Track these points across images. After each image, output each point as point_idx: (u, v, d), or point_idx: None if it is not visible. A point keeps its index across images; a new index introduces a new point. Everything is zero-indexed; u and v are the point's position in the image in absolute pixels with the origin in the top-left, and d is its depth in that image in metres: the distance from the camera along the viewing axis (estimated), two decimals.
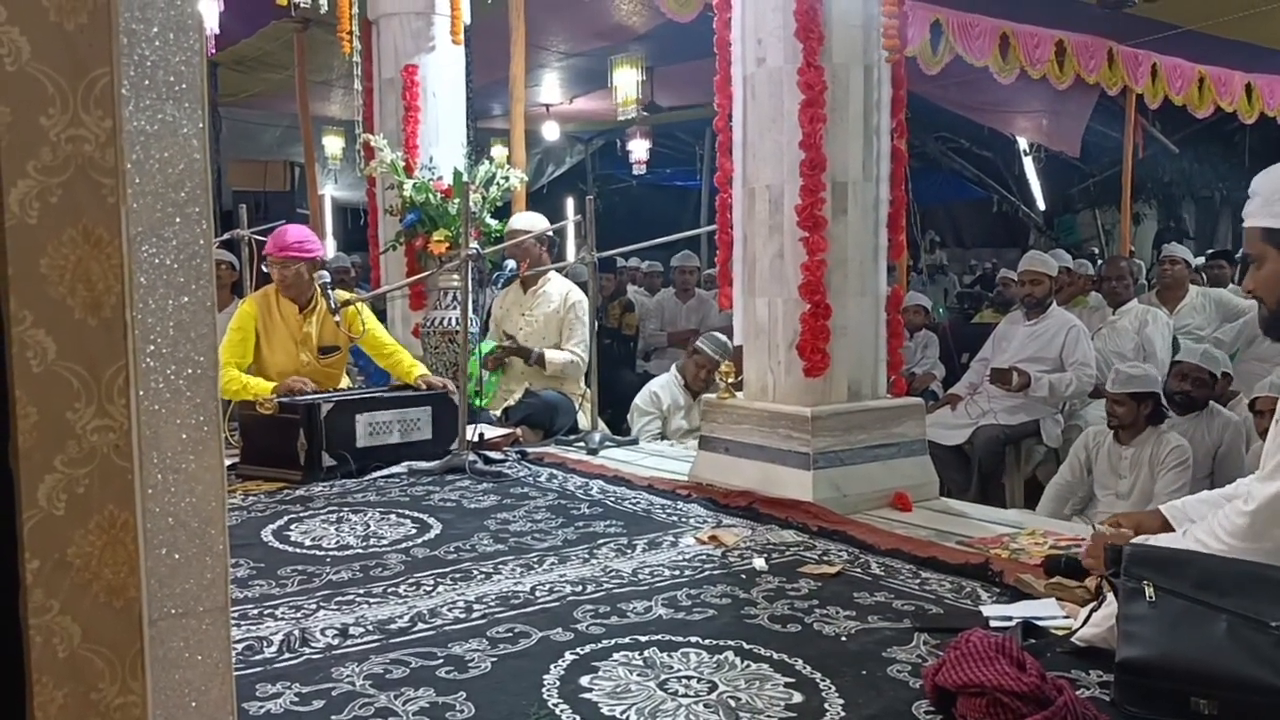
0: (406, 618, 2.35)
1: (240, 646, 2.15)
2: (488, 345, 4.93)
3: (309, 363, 4.43)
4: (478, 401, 4.73)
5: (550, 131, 11.81)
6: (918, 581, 2.59)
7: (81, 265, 1.04)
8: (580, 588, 2.56)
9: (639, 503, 3.48)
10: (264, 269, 4.49)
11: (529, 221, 5.16)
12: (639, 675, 2.00)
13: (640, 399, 5.16)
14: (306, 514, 3.37)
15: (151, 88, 1.10)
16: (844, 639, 2.20)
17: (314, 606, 2.44)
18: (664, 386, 5.14)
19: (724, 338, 4.95)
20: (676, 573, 2.68)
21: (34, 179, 1.02)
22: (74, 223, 1.04)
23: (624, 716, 1.82)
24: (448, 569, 2.74)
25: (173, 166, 1.12)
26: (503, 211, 5.51)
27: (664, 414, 5.07)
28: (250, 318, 4.37)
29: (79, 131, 1.04)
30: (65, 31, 1.02)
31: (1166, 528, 2.17)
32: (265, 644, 2.19)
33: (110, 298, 1.06)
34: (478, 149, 6.06)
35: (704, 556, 2.83)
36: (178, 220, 1.13)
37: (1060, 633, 2.17)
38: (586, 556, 2.84)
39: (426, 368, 4.65)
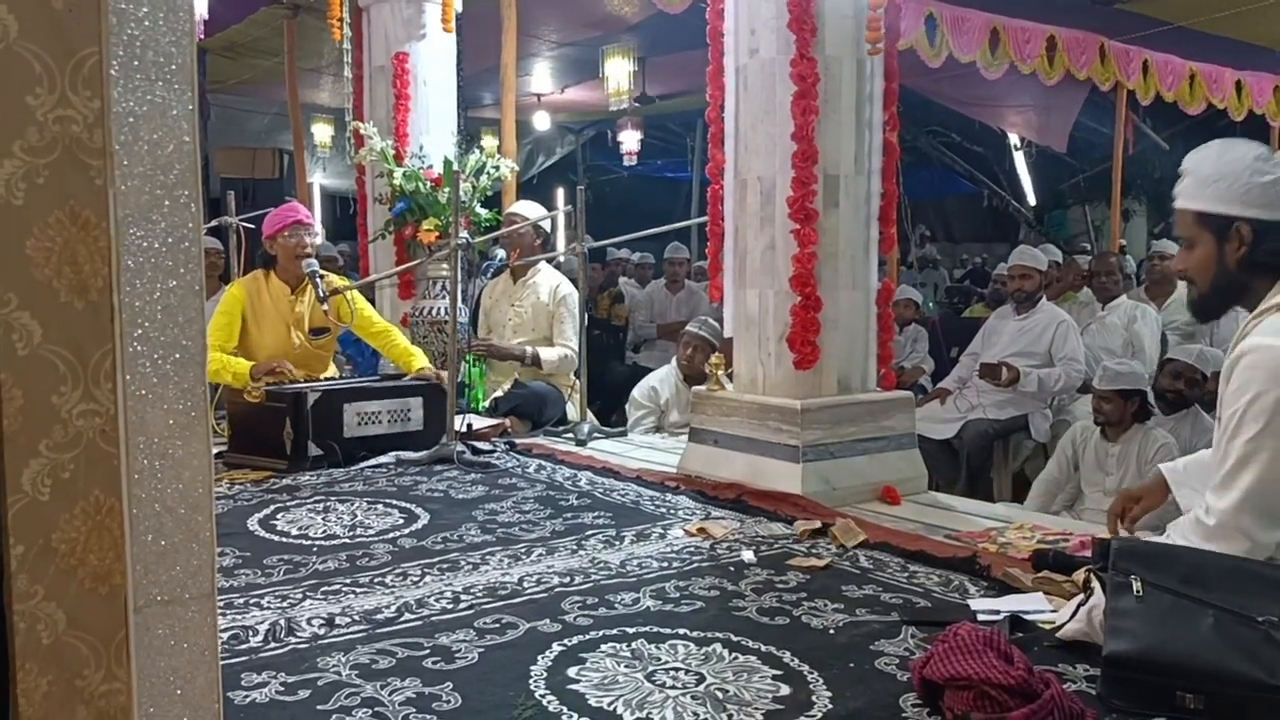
0: (393, 608, 2.34)
1: (226, 635, 2.14)
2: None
3: (300, 344, 4.42)
4: (478, 406, 4.74)
5: (541, 121, 11.78)
6: (906, 575, 2.59)
7: (68, 247, 1.03)
8: (568, 579, 2.55)
9: (627, 494, 3.48)
10: (269, 250, 4.46)
11: (528, 209, 5.14)
12: (626, 667, 2.00)
13: (638, 392, 5.15)
14: (293, 503, 3.36)
15: (140, 68, 1.08)
16: (832, 631, 2.20)
17: (300, 596, 2.43)
18: (663, 380, 5.13)
19: (714, 322, 4.95)
20: (665, 564, 2.68)
21: (20, 159, 1.00)
22: (61, 204, 1.03)
23: (611, 708, 1.82)
24: (435, 559, 2.73)
25: (162, 149, 1.11)
26: (493, 201, 5.50)
27: (661, 408, 5.05)
28: (238, 301, 4.36)
29: (67, 112, 1.02)
30: (53, 10, 1.01)
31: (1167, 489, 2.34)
32: (251, 633, 2.18)
33: (97, 281, 1.05)
34: (468, 138, 6.04)
35: (692, 548, 2.83)
36: (166, 203, 1.12)
37: (1047, 626, 2.18)
38: (574, 548, 2.84)
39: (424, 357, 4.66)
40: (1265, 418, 1.94)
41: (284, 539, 2.94)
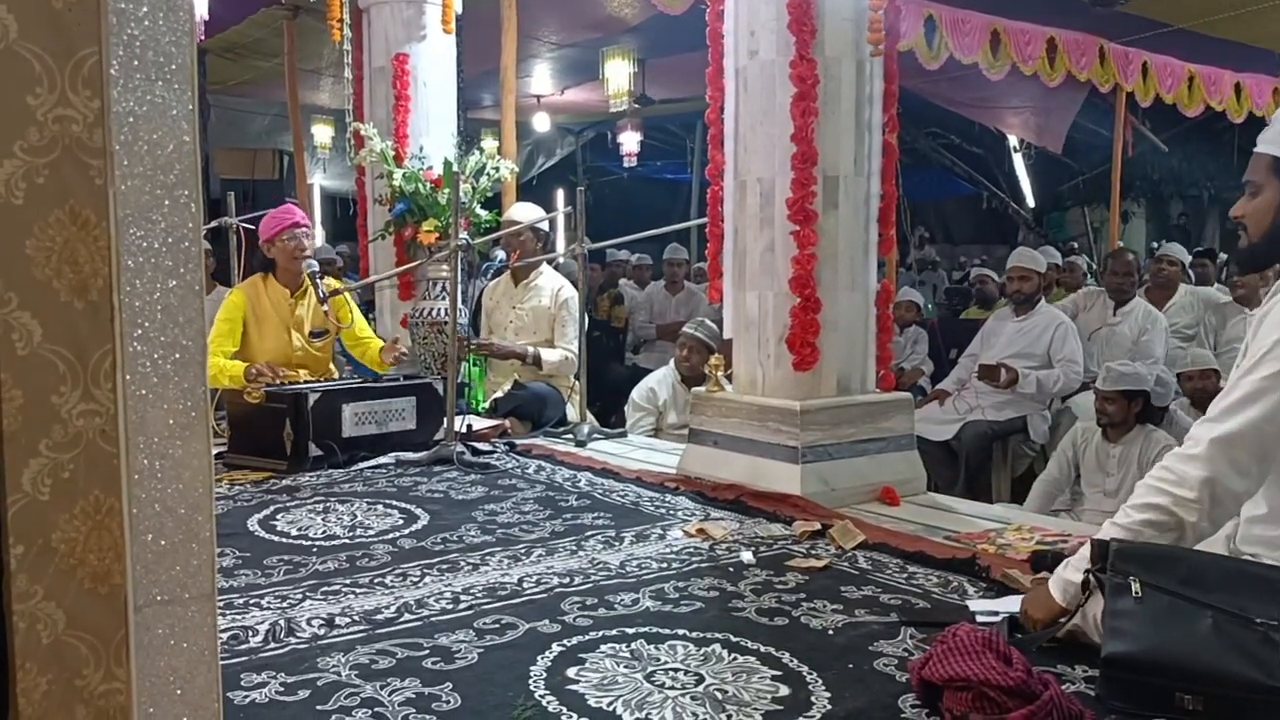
0: (393, 608, 2.34)
1: (225, 636, 2.14)
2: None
3: (300, 346, 4.45)
4: (478, 407, 4.77)
5: (541, 123, 11.78)
6: (905, 576, 2.59)
7: (68, 247, 1.03)
8: (568, 579, 2.55)
9: (627, 495, 3.48)
10: (266, 254, 4.50)
11: (527, 213, 5.14)
12: (626, 667, 2.00)
13: (637, 394, 5.14)
14: (293, 504, 3.36)
15: (140, 68, 1.08)
16: (831, 632, 2.20)
17: (300, 596, 2.43)
18: (661, 382, 5.13)
19: (710, 323, 4.95)
20: (664, 565, 2.68)
21: (20, 159, 1.00)
22: (61, 204, 1.03)
23: (611, 708, 1.82)
24: (435, 560, 2.73)
25: (162, 148, 1.11)
26: (492, 202, 5.50)
27: (660, 410, 5.05)
28: (239, 308, 4.40)
29: (67, 111, 1.02)
30: (53, 10, 1.01)
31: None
32: (251, 633, 2.18)
33: (97, 280, 1.05)
34: (468, 139, 6.04)
35: (692, 549, 2.83)
36: (166, 203, 1.12)
37: None
38: (574, 548, 2.84)
39: (409, 355, 4.80)
40: None
41: (284, 539, 2.94)
